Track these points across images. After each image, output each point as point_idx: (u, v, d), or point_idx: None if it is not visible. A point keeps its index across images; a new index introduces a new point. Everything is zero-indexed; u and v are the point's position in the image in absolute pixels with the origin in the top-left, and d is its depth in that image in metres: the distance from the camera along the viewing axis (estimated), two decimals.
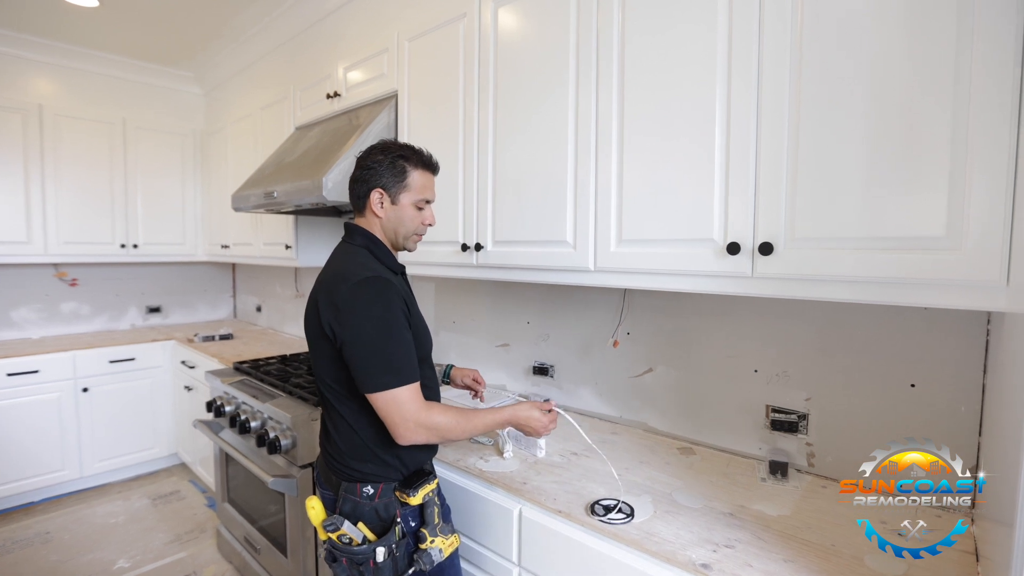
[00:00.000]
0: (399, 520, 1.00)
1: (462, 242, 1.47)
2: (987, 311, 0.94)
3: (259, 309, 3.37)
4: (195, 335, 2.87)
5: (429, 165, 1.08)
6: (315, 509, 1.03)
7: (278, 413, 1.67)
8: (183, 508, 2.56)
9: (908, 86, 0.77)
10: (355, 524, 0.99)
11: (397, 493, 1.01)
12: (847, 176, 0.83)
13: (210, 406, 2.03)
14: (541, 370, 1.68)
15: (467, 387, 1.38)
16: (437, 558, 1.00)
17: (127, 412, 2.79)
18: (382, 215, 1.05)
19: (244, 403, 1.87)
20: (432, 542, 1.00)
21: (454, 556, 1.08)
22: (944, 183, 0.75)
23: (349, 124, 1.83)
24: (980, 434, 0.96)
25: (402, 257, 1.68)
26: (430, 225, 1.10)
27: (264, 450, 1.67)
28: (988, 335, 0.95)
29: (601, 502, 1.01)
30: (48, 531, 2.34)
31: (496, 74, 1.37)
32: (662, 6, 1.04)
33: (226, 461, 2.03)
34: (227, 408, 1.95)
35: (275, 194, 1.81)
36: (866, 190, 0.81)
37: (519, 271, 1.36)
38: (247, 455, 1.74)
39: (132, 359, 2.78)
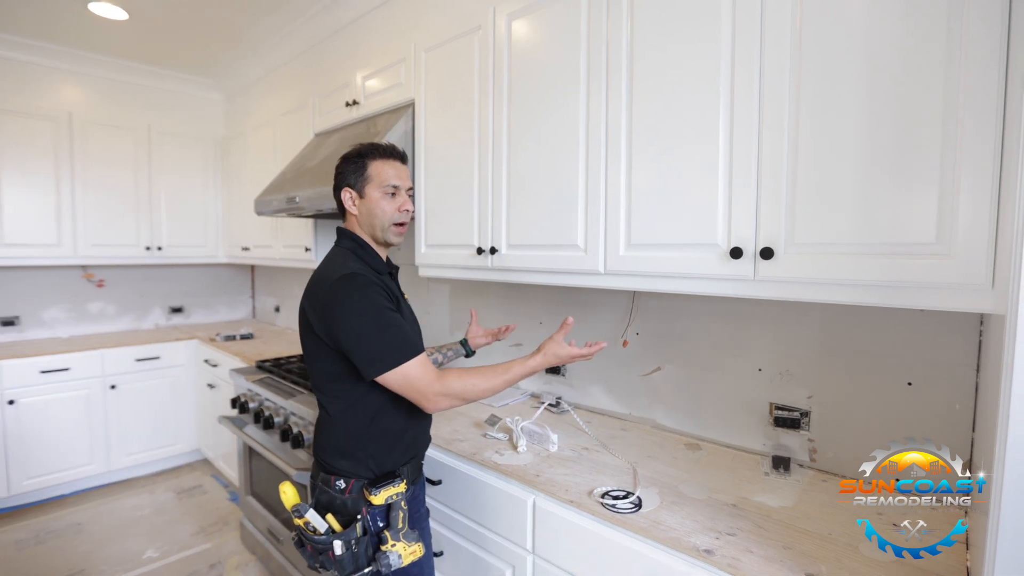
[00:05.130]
0: (360, 518, 1.03)
1: (477, 245, 1.54)
2: (978, 312, 0.98)
3: (277, 309, 3.47)
4: (217, 335, 2.97)
5: (390, 154, 1.12)
6: (286, 494, 1.08)
7: (301, 409, 1.75)
8: (206, 502, 2.66)
9: (901, 103, 0.82)
10: (325, 515, 1.04)
11: (364, 491, 1.04)
12: (843, 184, 0.88)
13: (234, 403, 2.12)
14: (553, 369, 1.74)
15: (490, 341, 1.47)
16: (395, 563, 1.01)
17: (152, 409, 2.90)
18: (356, 212, 1.12)
19: (268, 400, 1.95)
20: (393, 546, 1.02)
21: (420, 567, 1.10)
22: (934, 191, 0.80)
23: (367, 132, 1.90)
24: (974, 430, 1.01)
25: (420, 260, 1.75)
26: (407, 211, 1.13)
27: (288, 445, 1.75)
28: (981, 335, 1.00)
29: (611, 493, 1.07)
30: (79, 522, 2.45)
31: (510, 84, 1.43)
32: (669, 20, 1.10)
33: (249, 456, 2.12)
34: (251, 405, 2.03)
35: (297, 199, 1.89)
36: (861, 198, 0.86)
37: (532, 274, 1.42)
38: (271, 449, 1.82)
39: (157, 358, 2.89)
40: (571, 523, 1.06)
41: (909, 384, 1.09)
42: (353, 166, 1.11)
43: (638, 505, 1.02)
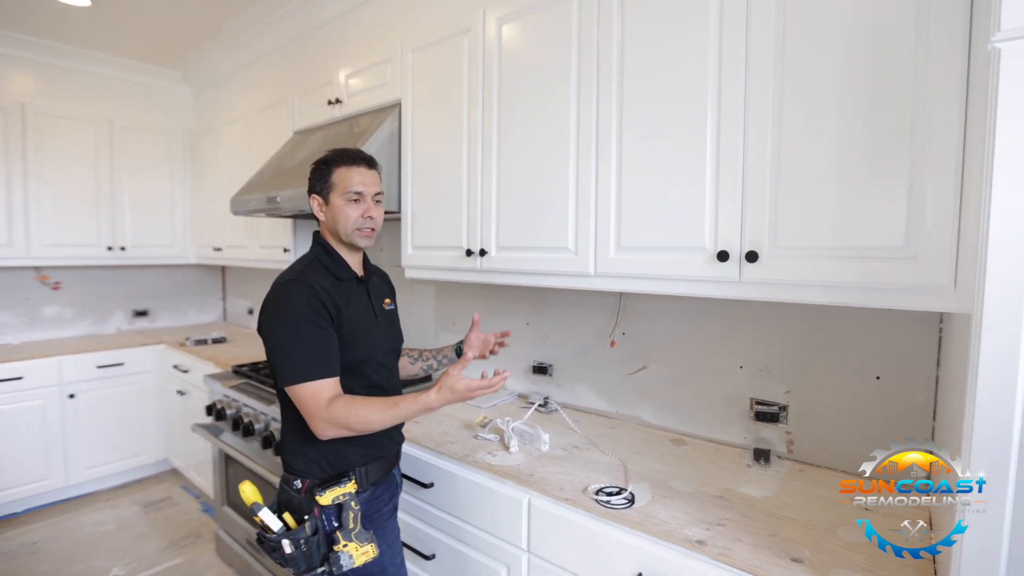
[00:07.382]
0: (310, 517, 1.04)
1: (466, 247, 1.54)
2: (939, 312, 1.07)
3: (251, 312, 3.35)
4: (187, 339, 2.84)
5: (354, 159, 1.12)
6: (246, 492, 1.08)
7: None
8: (176, 514, 2.54)
9: (873, 117, 0.88)
10: (282, 514, 1.06)
11: (313, 491, 1.05)
12: (822, 192, 0.94)
13: (210, 410, 2.04)
14: (540, 369, 1.76)
15: (479, 354, 1.31)
16: (347, 563, 1.01)
17: (115, 418, 2.75)
18: (323, 218, 1.14)
19: (246, 406, 1.89)
20: (344, 546, 1.02)
21: (383, 566, 1.10)
22: (903, 199, 0.86)
23: (351, 131, 1.88)
24: (934, 419, 1.10)
25: (407, 262, 1.74)
26: (371, 217, 1.12)
27: (270, 452, 1.70)
28: (941, 332, 1.08)
29: (604, 489, 1.10)
30: (35, 541, 2.30)
31: (500, 86, 1.44)
32: (659, 25, 1.13)
33: (226, 464, 2.05)
34: (228, 411, 1.97)
35: (278, 199, 1.84)
36: (838, 205, 0.92)
37: (522, 275, 1.44)
38: (251, 457, 1.77)
39: (121, 364, 2.75)
40: (566, 520, 1.08)
41: (877, 378, 1.16)
42: (319, 173, 1.13)
43: (631, 500, 1.06)
